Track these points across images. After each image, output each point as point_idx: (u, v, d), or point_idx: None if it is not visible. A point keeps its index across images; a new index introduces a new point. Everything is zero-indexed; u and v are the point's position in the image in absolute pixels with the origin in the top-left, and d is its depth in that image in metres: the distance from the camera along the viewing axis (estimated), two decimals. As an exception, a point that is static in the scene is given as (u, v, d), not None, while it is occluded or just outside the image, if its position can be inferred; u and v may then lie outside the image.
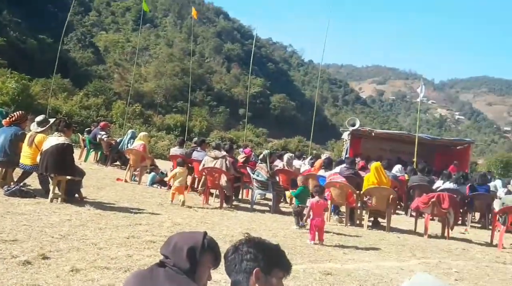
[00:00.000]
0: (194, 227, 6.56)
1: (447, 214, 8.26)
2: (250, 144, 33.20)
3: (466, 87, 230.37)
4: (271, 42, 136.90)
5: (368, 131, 19.13)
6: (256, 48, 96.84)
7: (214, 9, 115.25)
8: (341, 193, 8.50)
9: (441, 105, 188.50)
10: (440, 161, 18.91)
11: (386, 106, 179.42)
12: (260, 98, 79.34)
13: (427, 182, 10.87)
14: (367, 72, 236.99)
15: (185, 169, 9.38)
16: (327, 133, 67.86)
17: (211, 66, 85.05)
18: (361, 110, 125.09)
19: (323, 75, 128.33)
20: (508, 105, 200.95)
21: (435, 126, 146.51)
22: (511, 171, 28.91)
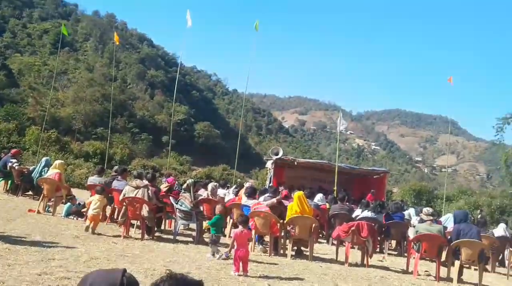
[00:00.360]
0: (113, 261, 6.21)
1: (366, 242, 8.51)
2: (174, 172, 32.58)
3: (381, 119, 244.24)
4: (195, 70, 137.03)
5: (291, 160, 19.50)
6: (181, 76, 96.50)
7: (138, 35, 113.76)
8: (265, 222, 8.50)
9: (359, 136, 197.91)
10: (358, 189, 19.67)
11: (307, 135, 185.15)
12: (184, 125, 78.69)
13: (347, 211, 11.21)
14: (289, 102, 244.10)
15: (103, 198, 9.01)
16: (251, 161, 68.45)
17: (134, 92, 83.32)
18: (284, 139, 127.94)
19: (247, 104, 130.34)
20: (419, 137, 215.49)
21: (354, 156, 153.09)
22: (423, 199, 30.62)
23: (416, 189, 32.47)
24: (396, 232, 10.95)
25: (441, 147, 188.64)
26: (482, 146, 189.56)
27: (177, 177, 27.86)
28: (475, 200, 29.00)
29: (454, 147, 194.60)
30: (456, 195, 32.01)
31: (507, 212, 27.34)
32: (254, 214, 8.57)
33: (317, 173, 20.62)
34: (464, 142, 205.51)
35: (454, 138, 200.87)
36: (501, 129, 40.43)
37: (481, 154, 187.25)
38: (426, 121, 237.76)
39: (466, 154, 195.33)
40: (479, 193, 33.62)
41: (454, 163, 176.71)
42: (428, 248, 8.03)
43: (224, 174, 37.81)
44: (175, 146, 60.10)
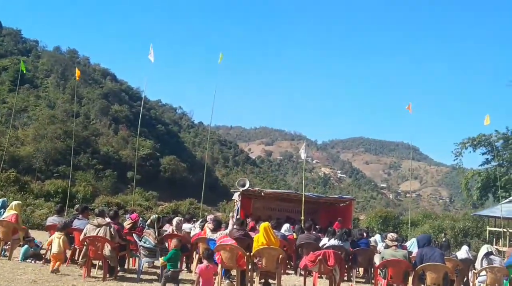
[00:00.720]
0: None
1: (333, 271, 8.50)
2: (139, 208, 31.90)
3: (345, 147, 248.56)
4: (160, 104, 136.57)
5: (258, 191, 19.50)
6: (145, 110, 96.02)
7: (101, 70, 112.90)
8: (231, 255, 8.37)
9: (325, 165, 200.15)
10: (325, 218, 19.77)
11: (274, 166, 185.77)
12: (150, 160, 77.66)
13: (314, 240, 11.19)
14: (255, 133, 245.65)
15: (64, 235, 8.76)
16: (218, 194, 67.95)
17: (97, 128, 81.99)
18: (251, 170, 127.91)
19: (213, 136, 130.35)
20: (383, 164, 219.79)
21: (320, 185, 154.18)
22: (390, 225, 30.96)
23: (382, 215, 32.86)
24: (362, 259, 10.99)
25: (405, 173, 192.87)
26: (443, 170, 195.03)
27: (143, 213, 27.29)
28: (439, 223, 29.55)
29: (417, 172, 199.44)
30: (421, 219, 32.55)
31: (470, 234, 27.95)
32: (220, 247, 8.44)
33: (284, 203, 20.67)
34: (426, 167, 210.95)
35: (416, 163, 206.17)
36: (459, 154, 41.96)
37: (442, 178, 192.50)
38: (389, 148, 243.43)
39: (428, 178, 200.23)
40: (442, 217, 34.30)
41: (417, 188, 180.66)
42: (394, 273, 8.09)
43: (191, 208, 37.27)
44: (140, 181, 59.03)
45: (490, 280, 9.40)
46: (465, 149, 41.44)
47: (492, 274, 9.40)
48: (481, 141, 40.26)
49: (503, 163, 39.90)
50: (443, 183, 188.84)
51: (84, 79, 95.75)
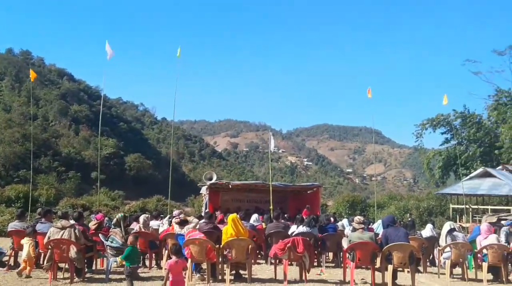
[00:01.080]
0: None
1: (303, 257, 8.59)
2: (106, 208, 31.28)
3: (310, 135, 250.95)
4: (121, 102, 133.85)
5: (225, 183, 19.47)
6: (106, 109, 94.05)
7: (57, 70, 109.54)
8: (200, 249, 8.33)
9: (291, 153, 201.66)
10: (294, 206, 19.95)
11: (241, 158, 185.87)
12: (114, 159, 76.19)
13: (282, 228, 11.26)
14: (220, 126, 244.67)
15: (33, 239, 8.56)
16: (186, 189, 67.31)
17: (57, 130, 79.70)
18: (218, 163, 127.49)
19: (177, 132, 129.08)
20: (347, 149, 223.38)
21: (287, 174, 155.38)
22: (357, 209, 31.52)
23: (349, 200, 33.39)
24: (331, 244, 11.15)
25: (369, 157, 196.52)
26: (406, 152, 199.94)
27: (110, 213, 26.77)
28: (404, 204, 30.30)
29: (380, 155, 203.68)
30: (387, 201, 33.28)
31: (434, 213, 28.82)
32: (189, 241, 8.38)
33: (252, 194, 20.71)
34: (390, 150, 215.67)
35: (380, 147, 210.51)
36: (420, 135, 43.10)
37: (406, 159, 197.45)
38: (352, 133, 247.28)
39: (392, 161, 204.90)
40: (407, 198, 35.16)
41: (382, 170, 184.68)
42: (362, 256, 8.23)
43: (159, 204, 36.83)
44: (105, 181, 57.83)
45: (454, 255, 9.71)
46: (425, 129, 42.60)
47: (456, 250, 9.71)
48: (440, 122, 41.44)
49: (462, 141, 41.21)
50: (407, 164, 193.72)
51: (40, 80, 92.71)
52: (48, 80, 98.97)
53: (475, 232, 11.43)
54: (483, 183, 27.57)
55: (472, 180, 28.53)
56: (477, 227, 11.88)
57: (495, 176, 27.78)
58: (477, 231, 11.13)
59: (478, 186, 27.47)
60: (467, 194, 26.22)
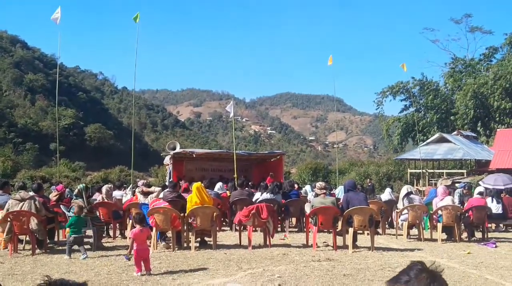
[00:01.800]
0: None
1: (267, 223, 8.76)
2: (66, 179, 30.75)
3: (273, 103, 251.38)
4: (79, 71, 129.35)
5: (189, 153, 19.42)
6: (63, 78, 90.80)
7: (9, 37, 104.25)
8: (165, 218, 8.35)
9: (254, 122, 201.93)
10: (258, 174, 20.16)
11: (204, 127, 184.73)
12: (73, 130, 74.18)
13: (247, 196, 11.40)
14: (182, 95, 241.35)
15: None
16: (149, 160, 66.65)
17: (12, 99, 76.54)
18: (181, 133, 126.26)
19: (139, 101, 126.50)
20: (310, 117, 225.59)
21: (251, 142, 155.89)
22: (320, 176, 32.18)
23: (312, 167, 34.04)
24: (294, 210, 11.39)
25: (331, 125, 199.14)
26: (367, 120, 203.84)
27: (71, 184, 26.33)
28: (364, 170, 31.17)
29: (342, 123, 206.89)
30: (348, 167, 34.14)
31: (393, 178, 29.81)
32: (154, 210, 8.38)
33: (216, 163, 20.79)
34: (351, 117, 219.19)
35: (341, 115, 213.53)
36: (380, 103, 44.03)
37: (366, 127, 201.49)
38: (315, 101, 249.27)
39: (353, 128, 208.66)
40: (367, 164, 36.17)
41: (344, 138, 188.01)
42: (324, 220, 8.47)
43: (122, 175, 36.50)
44: (65, 152, 56.46)
45: (411, 217, 10.14)
46: (385, 97, 43.53)
47: (413, 212, 10.13)
48: (399, 89, 42.39)
49: (420, 108, 42.40)
50: (367, 131, 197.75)
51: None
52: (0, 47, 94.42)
53: (431, 195, 11.94)
54: (439, 148, 28.65)
55: (428, 145, 29.59)
56: (433, 190, 12.41)
57: (450, 141, 28.90)
58: (433, 194, 11.63)
59: (434, 151, 28.53)
60: (424, 158, 27.20)
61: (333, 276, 6.10)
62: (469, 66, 42.80)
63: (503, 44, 42.44)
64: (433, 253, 8.32)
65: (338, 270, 6.46)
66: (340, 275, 6.14)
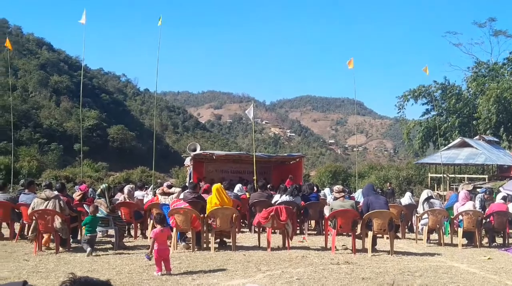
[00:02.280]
0: (24, 278, 5.87)
1: (286, 225, 8.80)
2: (89, 179, 31.24)
3: (293, 106, 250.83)
4: (102, 72, 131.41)
5: (209, 155, 19.57)
6: (87, 79, 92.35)
7: (36, 40, 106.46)
8: (185, 218, 8.46)
9: (274, 125, 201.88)
10: (277, 176, 20.19)
11: (224, 129, 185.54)
12: (97, 131, 75.43)
13: (266, 198, 11.46)
14: (203, 98, 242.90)
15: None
16: (170, 160, 67.34)
17: (37, 101, 78.22)
18: (201, 135, 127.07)
19: (160, 103, 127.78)
20: (330, 120, 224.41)
21: (271, 145, 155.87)
22: (339, 179, 32.01)
23: (331, 170, 33.88)
24: (313, 212, 11.40)
25: (351, 128, 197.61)
26: (387, 123, 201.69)
27: (94, 184, 26.78)
28: (384, 174, 30.87)
29: (362, 126, 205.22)
30: (368, 171, 33.85)
31: (413, 182, 29.47)
32: (174, 211, 8.51)
33: (236, 164, 20.90)
34: (371, 121, 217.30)
35: (362, 118, 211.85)
36: (401, 106, 43.58)
37: (387, 130, 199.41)
38: (335, 105, 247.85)
39: (373, 132, 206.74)
40: (387, 167, 35.79)
41: (364, 141, 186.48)
42: (343, 223, 8.47)
43: (143, 176, 36.89)
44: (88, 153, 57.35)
45: (431, 222, 10.05)
46: (407, 101, 43.06)
47: (434, 216, 10.04)
48: (421, 93, 41.88)
49: (442, 112, 41.81)
50: (388, 135, 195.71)
51: (17, 50, 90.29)
52: (26, 49, 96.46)
53: (452, 200, 11.81)
54: (461, 152, 28.21)
55: (450, 149, 29.16)
56: (454, 195, 12.27)
57: (472, 146, 28.42)
58: (454, 198, 11.50)
59: (456, 155, 28.11)
60: (445, 163, 26.84)
61: (352, 279, 6.12)
62: (493, 70, 42.07)
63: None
64: (453, 258, 8.25)
65: (357, 274, 6.47)
66: (358, 279, 6.15)
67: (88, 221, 8.02)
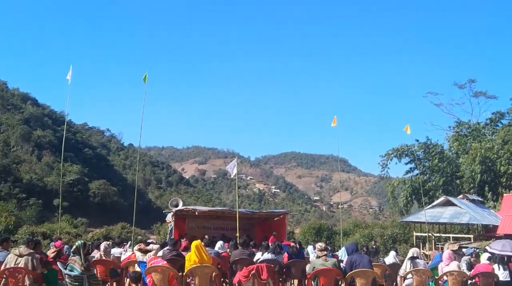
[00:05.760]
0: None
1: (267, 284, 8.54)
2: (68, 236, 30.39)
3: (278, 162, 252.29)
4: (87, 127, 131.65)
5: (192, 210, 19.26)
6: (71, 134, 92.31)
7: (20, 95, 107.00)
8: (163, 277, 8.16)
9: (259, 181, 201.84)
10: (261, 233, 19.90)
11: (209, 184, 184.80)
12: (78, 186, 74.44)
13: (248, 255, 11.17)
14: (188, 153, 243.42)
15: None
16: (152, 216, 66.17)
17: (19, 155, 77.43)
18: (185, 190, 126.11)
19: (144, 158, 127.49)
20: (314, 177, 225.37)
21: (255, 201, 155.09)
22: (323, 236, 31.67)
23: (315, 227, 33.58)
24: (296, 271, 11.10)
25: (336, 185, 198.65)
26: (372, 181, 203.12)
27: (72, 240, 26.02)
28: (369, 232, 30.64)
29: (347, 183, 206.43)
30: (352, 229, 33.62)
31: (398, 240, 29.22)
32: (151, 269, 8.22)
33: (219, 221, 20.59)
34: (356, 178, 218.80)
35: (346, 175, 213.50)
36: (385, 165, 44.07)
37: (371, 188, 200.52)
38: (320, 161, 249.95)
39: (358, 189, 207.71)
40: (372, 225, 35.61)
41: (349, 198, 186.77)
42: (326, 282, 8.26)
43: (123, 232, 36.06)
44: (68, 208, 56.26)
45: (416, 282, 9.84)
46: (390, 159, 43.61)
47: (418, 277, 9.85)
48: (404, 152, 42.55)
49: (425, 171, 42.31)
50: (372, 192, 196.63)
51: (2, 104, 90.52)
52: (11, 104, 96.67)
53: (436, 259, 11.65)
54: (445, 211, 28.30)
55: (434, 208, 29.25)
56: (438, 254, 12.12)
57: (456, 205, 28.58)
58: (438, 258, 11.35)
59: (440, 214, 28.17)
60: (430, 222, 26.83)
61: None
62: (475, 130, 43.11)
63: (509, 110, 42.97)
64: (439, 320, 8.01)
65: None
66: None
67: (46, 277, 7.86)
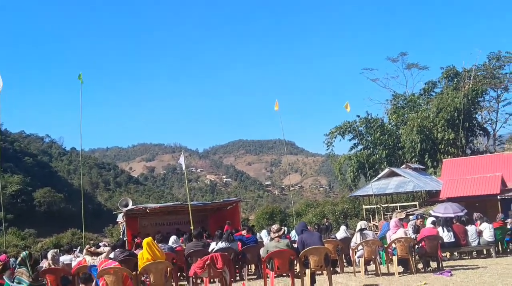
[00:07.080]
0: None
1: (223, 273, 8.57)
2: (15, 249, 29.22)
3: (227, 151, 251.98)
4: (24, 135, 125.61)
5: (142, 209, 18.97)
6: (8, 144, 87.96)
7: None
8: (116, 278, 7.97)
9: (209, 172, 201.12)
10: (215, 223, 19.91)
11: (159, 181, 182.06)
12: (21, 196, 71.29)
13: (202, 247, 11.16)
14: (134, 151, 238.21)
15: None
16: (104, 219, 64.52)
17: (-48, 169, 73.13)
18: (135, 189, 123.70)
19: (89, 161, 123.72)
20: (264, 162, 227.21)
21: (208, 192, 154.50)
22: (277, 220, 32.10)
23: (268, 211, 33.99)
24: (251, 256, 11.23)
25: (285, 168, 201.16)
26: (319, 160, 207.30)
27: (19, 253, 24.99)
28: (320, 210, 31.41)
29: (296, 165, 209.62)
30: (304, 209, 34.31)
31: (349, 215, 30.20)
32: (103, 272, 8.01)
33: (172, 216, 20.40)
34: (304, 159, 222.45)
35: (294, 157, 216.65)
36: (330, 143, 45.06)
37: (320, 167, 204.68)
38: (267, 146, 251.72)
39: (307, 170, 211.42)
40: (323, 203, 36.48)
41: (299, 180, 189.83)
42: (280, 263, 8.38)
43: (74, 238, 35.09)
44: (13, 220, 53.81)
45: (367, 253, 10.22)
46: (334, 137, 44.63)
47: (368, 247, 10.23)
48: (347, 129, 43.64)
49: (369, 145, 43.65)
50: (321, 171, 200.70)
51: None
52: None
53: (384, 229, 12.15)
54: (390, 182, 29.45)
55: (380, 180, 30.35)
56: (386, 224, 12.63)
57: (400, 175, 29.81)
58: (386, 227, 11.84)
59: (386, 185, 29.28)
60: (377, 194, 27.85)
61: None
62: (411, 101, 44.87)
63: (440, 78, 45.04)
64: (390, 286, 8.36)
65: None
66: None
67: None
